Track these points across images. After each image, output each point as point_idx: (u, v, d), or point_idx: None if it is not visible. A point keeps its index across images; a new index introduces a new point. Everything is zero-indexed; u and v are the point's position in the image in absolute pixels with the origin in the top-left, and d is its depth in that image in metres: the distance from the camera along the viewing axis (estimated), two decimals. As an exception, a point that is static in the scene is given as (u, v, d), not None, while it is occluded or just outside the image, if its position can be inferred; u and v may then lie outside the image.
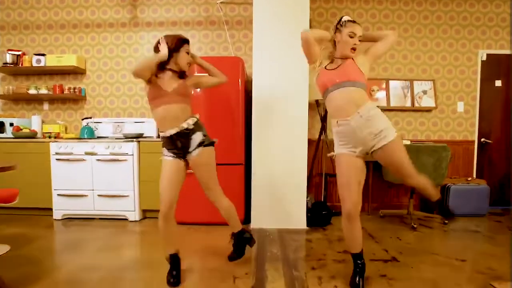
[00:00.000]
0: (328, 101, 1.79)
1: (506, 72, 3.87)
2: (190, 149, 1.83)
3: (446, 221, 3.21)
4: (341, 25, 1.77)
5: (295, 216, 2.97)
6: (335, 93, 1.72)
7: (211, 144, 1.90)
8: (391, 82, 3.81)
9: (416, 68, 3.85)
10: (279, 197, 2.96)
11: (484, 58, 3.85)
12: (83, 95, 3.80)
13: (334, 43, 1.83)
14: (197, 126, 1.84)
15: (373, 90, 3.80)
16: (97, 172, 3.12)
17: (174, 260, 1.89)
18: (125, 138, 3.25)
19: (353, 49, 1.75)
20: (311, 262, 2.19)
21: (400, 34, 3.81)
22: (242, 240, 2.08)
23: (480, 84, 3.87)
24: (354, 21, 1.78)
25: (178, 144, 1.81)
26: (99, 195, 3.13)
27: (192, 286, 1.81)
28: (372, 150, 1.71)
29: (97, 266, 2.08)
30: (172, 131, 1.78)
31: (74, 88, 3.71)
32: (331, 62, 1.85)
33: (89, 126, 3.53)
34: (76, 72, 3.78)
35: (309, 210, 3.06)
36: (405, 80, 3.82)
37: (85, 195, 3.14)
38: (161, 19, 3.79)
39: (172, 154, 1.84)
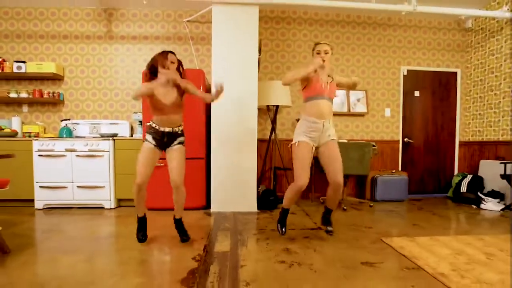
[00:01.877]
0: (313, 104, 2.41)
1: (423, 85, 4.78)
2: (172, 145, 2.37)
3: (371, 205, 3.98)
4: (313, 50, 2.50)
5: (248, 201, 3.59)
6: (323, 101, 2.41)
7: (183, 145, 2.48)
8: (332, 91, 4.58)
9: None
10: (235, 185, 3.57)
11: (406, 73, 4.74)
12: (61, 99, 4.22)
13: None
14: (182, 132, 2.44)
15: (317, 98, 4.54)
16: (77, 167, 3.57)
17: (142, 221, 2.47)
18: (102, 137, 3.72)
19: (323, 60, 2.41)
20: (254, 230, 2.81)
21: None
22: (182, 225, 2.58)
23: (402, 94, 4.74)
24: (321, 42, 2.47)
25: (165, 139, 2.35)
26: (78, 186, 3.58)
27: (158, 247, 2.36)
28: (321, 144, 2.46)
29: (75, 237, 2.57)
30: (167, 129, 2.34)
31: (53, 93, 4.12)
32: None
33: (67, 127, 3.95)
34: (54, 78, 4.19)
35: (259, 197, 3.70)
36: (343, 89, 4.60)
37: (65, 187, 3.57)
38: (134, 33, 4.32)
39: (154, 143, 2.33)
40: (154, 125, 2.36)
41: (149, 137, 2.36)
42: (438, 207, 3.96)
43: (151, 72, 2.36)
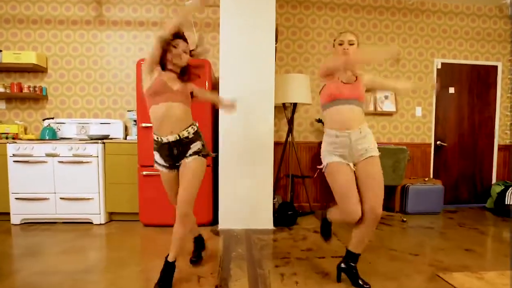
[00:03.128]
0: (333, 113, 1.82)
1: (459, 80, 4.19)
2: (187, 155, 1.76)
3: (404, 219, 3.42)
4: (334, 40, 1.89)
5: (262, 216, 3.04)
6: (344, 107, 1.79)
7: (206, 156, 1.84)
8: (356, 87, 4.00)
9: (379, 74, 4.07)
10: (246, 198, 3.01)
11: (439, 66, 4.15)
12: (44, 95, 3.64)
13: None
14: (196, 135, 1.80)
15: (338, 94, 3.96)
16: (59, 175, 3.01)
17: (169, 269, 1.79)
18: (90, 140, 3.16)
19: (345, 51, 1.82)
20: (275, 260, 2.25)
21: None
22: (201, 243, 2.20)
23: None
24: (345, 32, 1.90)
25: (175, 151, 1.75)
26: (61, 198, 3.01)
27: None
28: (356, 162, 1.82)
29: (57, 270, 2.02)
30: (171, 138, 1.71)
31: (35, 87, 3.54)
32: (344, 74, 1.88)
33: (50, 127, 3.39)
34: (36, 70, 3.61)
35: (276, 211, 3.14)
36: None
37: (46, 198, 3.01)
38: (128, 18, 3.73)
39: (166, 165, 1.79)
40: (155, 136, 1.77)
41: (156, 156, 1.80)
42: (482, 223, 3.40)
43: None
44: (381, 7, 4.02)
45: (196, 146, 1.77)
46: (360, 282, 1.83)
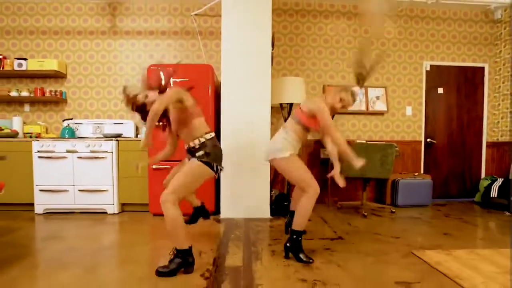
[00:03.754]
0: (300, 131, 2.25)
1: (447, 81, 4.44)
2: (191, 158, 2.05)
3: (393, 210, 3.67)
4: (346, 90, 2.22)
5: (260, 207, 3.33)
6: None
7: (206, 163, 1.95)
8: (349, 89, 4.28)
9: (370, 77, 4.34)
10: (246, 190, 3.31)
11: (428, 68, 4.41)
12: (64, 98, 4.02)
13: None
14: (202, 145, 1.96)
15: (332, 96, 4.24)
16: (78, 169, 3.36)
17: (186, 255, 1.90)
18: (105, 138, 3.51)
19: (334, 109, 2.23)
20: (269, 241, 2.54)
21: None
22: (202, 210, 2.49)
23: (425, 91, 4.41)
24: (355, 97, 2.23)
25: (188, 156, 2.09)
26: (79, 190, 3.36)
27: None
28: None
29: (76, 248, 2.34)
30: (185, 147, 2.06)
31: (56, 91, 3.93)
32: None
33: (69, 127, 3.76)
34: (57, 76, 4.00)
35: (272, 202, 3.43)
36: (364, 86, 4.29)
37: (66, 190, 3.36)
38: (139, 28, 4.10)
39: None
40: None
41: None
42: (467, 214, 3.63)
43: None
44: (372, 14, 4.31)
45: (199, 153, 1.99)
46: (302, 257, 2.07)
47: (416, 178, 4.02)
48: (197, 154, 1.97)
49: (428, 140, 4.43)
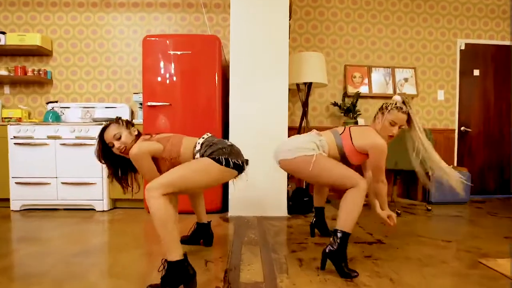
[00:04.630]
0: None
1: (484, 62, 3.91)
2: None
3: (429, 208, 3.15)
4: (386, 108, 1.77)
5: (275, 203, 2.82)
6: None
7: (213, 158, 1.56)
8: (373, 69, 3.77)
9: (397, 55, 3.82)
10: (258, 183, 2.80)
11: (463, 47, 3.88)
12: (49, 78, 3.52)
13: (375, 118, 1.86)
14: (206, 149, 1.61)
15: (354, 77, 3.73)
16: (61, 158, 2.86)
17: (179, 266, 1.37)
18: (94, 122, 3.01)
19: (391, 136, 1.77)
20: (292, 245, 2.04)
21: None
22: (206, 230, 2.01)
23: (459, 73, 3.88)
24: (400, 108, 1.74)
25: None
26: (63, 183, 2.87)
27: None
28: None
29: (52, 252, 1.85)
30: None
31: (39, 70, 3.43)
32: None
33: (54, 111, 3.26)
34: (41, 54, 3.49)
35: (290, 198, 2.92)
36: (387, 67, 3.78)
37: (47, 183, 2.86)
38: (135, 0, 3.59)
39: None
40: None
41: None
42: (516, 212, 3.11)
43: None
44: (401, -15, 3.78)
45: (202, 152, 1.63)
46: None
47: (451, 171, 3.50)
48: (201, 155, 1.62)
49: (462, 128, 3.91)
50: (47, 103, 3.38)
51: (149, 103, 2.78)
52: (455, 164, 3.88)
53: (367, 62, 3.78)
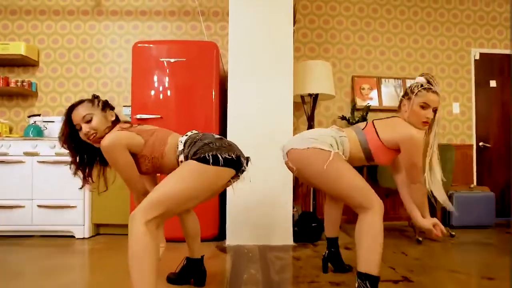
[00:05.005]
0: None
1: (500, 72, 3.66)
2: None
3: (453, 233, 2.80)
4: (412, 92, 1.46)
5: (280, 230, 2.47)
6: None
7: (201, 159, 1.24)
8: (383, 81, 3.51)
9: (408, 66, 3.58)
10: (260, 208, 2.46)
11: (477, 57, 3.64)
12: (34, 90, 3.26)
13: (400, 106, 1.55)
14: (190, 149, 1.29)
15: (363, 89, 3.47)
16: (39, 177, 2.55)
17: None
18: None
19: (425, 122, 1.45)
20: (300, 285, 1.68)
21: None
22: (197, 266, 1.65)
23: (474, 84, 3.62)
24: (430, 87, 1.45)
25: None
26: (39, 206, 2.54)
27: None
28: None
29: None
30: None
31: (23, 82, 3.17)
32: None
33: (36, 125, 2.97)
34: (26, 64, 3.25)
35: (296, 223, 2.58)
36: (397, 78, 3.52)
37: (21, 206, 2.53)
38: (129, 7, 3.38)
39: None
40: None
41: None
42: (552, 238, 2.75)
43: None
44: (412, -7, 3.58)
45: (185, 153, 1.31)
46: None
47: (473, 191, 3.18)
48: (185, 156, 1.30)
49: (480, 144, 3.60)
50: (29, 116, 3.10)
51: (138, 116, 2.50)
52: (475, 183, 3.55)
53: (376, 73, 3.53)
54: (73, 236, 2.57)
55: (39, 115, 3.13)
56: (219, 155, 1.23)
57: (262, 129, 2.48)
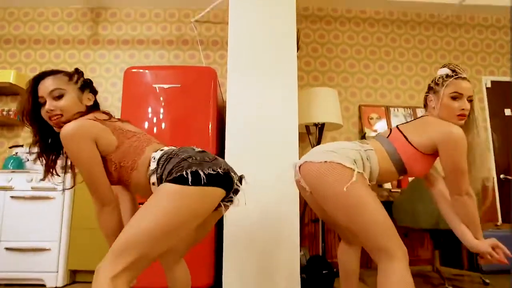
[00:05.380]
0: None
1: (515, 101, 3.48)
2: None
3: (487, 281, 2.42)
4: (437, 84, 1.28)
5: (284, 278, 2.11)
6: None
7: (177, 179, 0.97)
8: (392, 110, 3.32)
9: (417, 94, 3.41)
10: (262, 253, 2.12)
11: (489, 85, 3.48)
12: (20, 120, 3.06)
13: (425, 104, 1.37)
14: (160, 164, 1.05)
15: (371, 118, 3.27)
16: (10, 215, 2.25)
17: None
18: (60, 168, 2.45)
19: (461, 115, 1.24)
20: None
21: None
22: None
23: (489, 112, 3.42)
24: (458, 75, 1.27)
25: None
26: (7, 249, 2.20)
27: None
28: None
29: None
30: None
31: (9, 111, 2.98)
32: None
33: (17, 156, 2.74)
34: (15, 92, 3.08)
35: (303, 269, 2.22)
36: (406, 107, 3.33)
37: (-13, 249, 2.21)
38: (126, 37, 3.30)
39: None
40: None
41: None
42: None
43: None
44: (412, 21, 3.52)
45: (160, 173, 1.04)
46: None
47: (500, 230, 2.83)
48: (159, 177, 1.02)
49: (501, 176, 3.31)
50: (10, 147, 2.88)
51: (126, 146, 2.25)
52: (500, 221, 3.20)
53: (384, 102, 3.35)
54: (43, 286, 2.20)
55: (22, 145, 2.90)
56: (200, 171, 0.95)
57: (264, 164, 2.21)
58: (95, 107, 1.16)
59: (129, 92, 2.35)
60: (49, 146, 1.13)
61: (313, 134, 2.95)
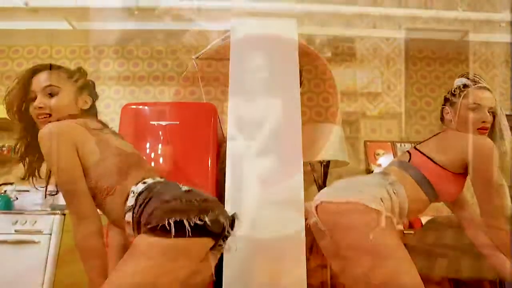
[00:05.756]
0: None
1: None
2: None
3: None
4: (454, 95, 1.20)
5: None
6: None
7: (160, 229, 0.85)
8: (398, 145, 3.21)
9: (423, 129, 3.32)
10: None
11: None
12: (13, 156, 2.96)
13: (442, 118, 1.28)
14: (138, 199, 0.94)
15: (377, 154, 3.15)
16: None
17: None
18: (49, 211, 2.30)
19: (482, 129, 1.14)
20: None
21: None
22: None
23: (499, 148, 3.31)
24: (478, 84, 1.18)
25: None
26: (-19, 302, 1.99)
27: None
28: None
29: None
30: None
31: (2, 147, 2.90)
32: None
33: (5, 195, 2.60)
34: (8, 129, 3.02)
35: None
36: (414, 142, 3.22)
37: (-41, 303, 1.99)
38: (127, 73, 3.33)
39: None
40: None
41: None
42: None
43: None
44: (414, 57, 3.52)
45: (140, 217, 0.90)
46: None
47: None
48: (136, 219, 0.88)
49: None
50: (0, 184, 2.74)
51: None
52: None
53: (390, 137, 3.25)
54: None
55: (12, 183, 2.77)
56: (185, 220, 0.81)
57: (268, 203, 2.05)
58: (92, 112, 1.04)
59: (125, 129, 2.26)
60: (36, 145, 1.00)
61: (317, 172, 2.82)
